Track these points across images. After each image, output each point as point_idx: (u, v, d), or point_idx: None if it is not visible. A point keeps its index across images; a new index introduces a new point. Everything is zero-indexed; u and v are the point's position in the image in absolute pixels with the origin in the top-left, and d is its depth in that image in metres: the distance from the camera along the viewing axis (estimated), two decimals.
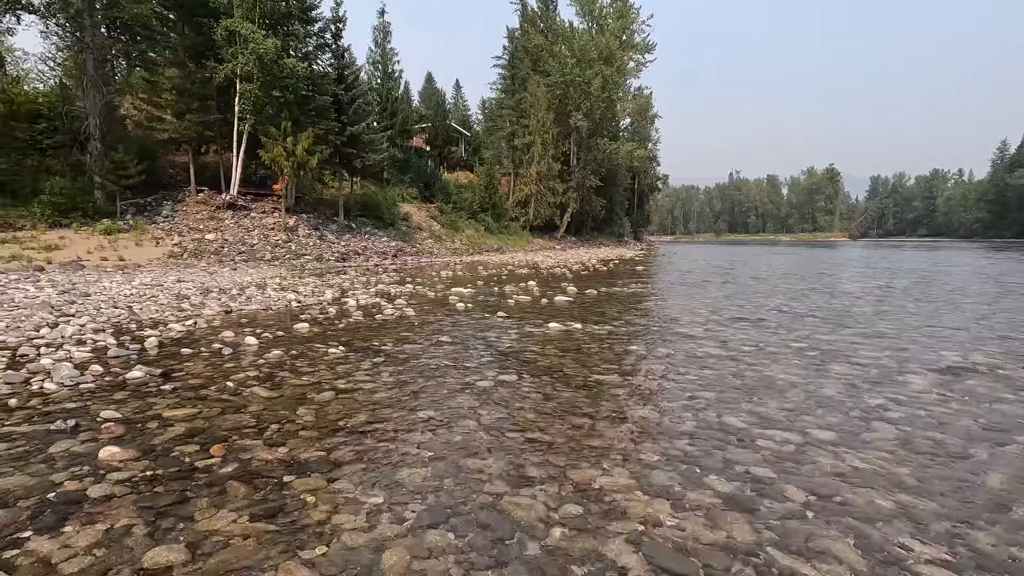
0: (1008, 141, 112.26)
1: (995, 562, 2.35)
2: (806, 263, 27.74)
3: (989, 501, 2.87)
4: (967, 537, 2.54)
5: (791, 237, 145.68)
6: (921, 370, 5.48)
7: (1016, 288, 13.86)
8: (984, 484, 3.06)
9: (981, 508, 2.80)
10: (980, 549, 2.44)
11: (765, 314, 9.39)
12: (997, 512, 2.76)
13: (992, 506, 2.82)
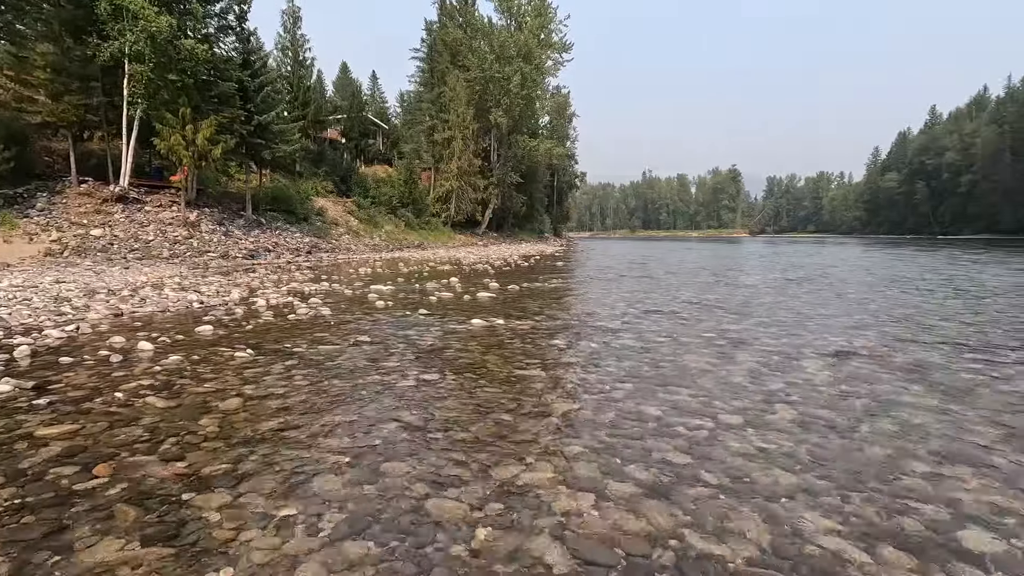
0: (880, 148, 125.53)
1: (879, 528, 2.57)
2: (713, 258, 29.55)
3: (872, 472, 3.15)
4: (857, 507, 2.77)
5: (699, 233, 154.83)
6: (814, 355, 5.97)
7: (887, 278, 15.51)
8: (868, 457, 3.36)
9: (866, 479, 3.07)
10: (867, 517, 2.67)
11: (678, 306, 9.87)
12: (879, 482, 3.03)
13: (875, 476, 3.10)
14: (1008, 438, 3.64)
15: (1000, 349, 6.26)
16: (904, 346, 6.43)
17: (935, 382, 4.93)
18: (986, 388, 4.74)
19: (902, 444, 3.55)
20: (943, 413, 4.13)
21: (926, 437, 3.66)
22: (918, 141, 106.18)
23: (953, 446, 3.51)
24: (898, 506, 2.77)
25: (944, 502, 2.81)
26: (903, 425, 3.89)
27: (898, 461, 3.30)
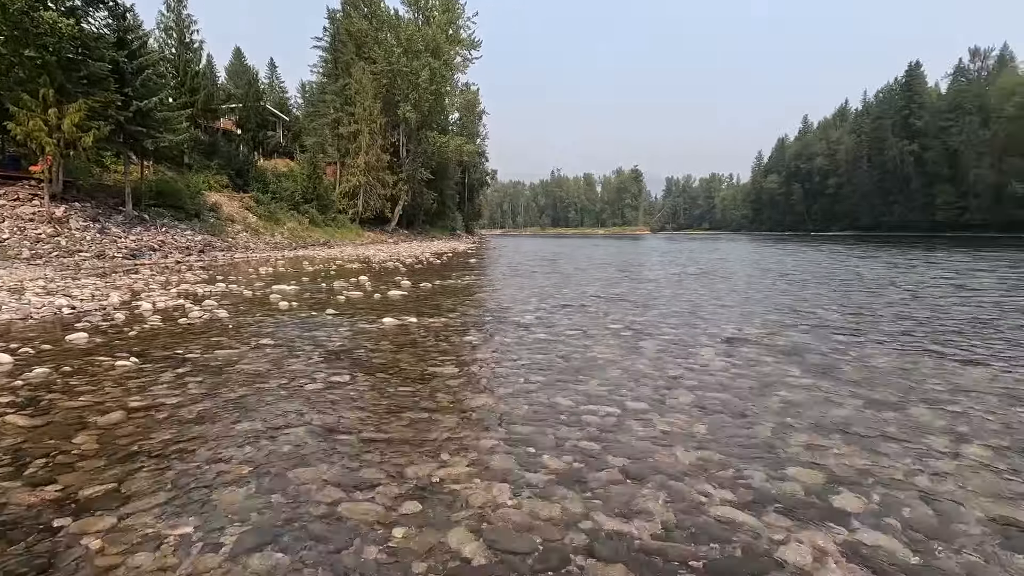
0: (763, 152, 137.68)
1: (765, 494, 2.84)
2: (618, 254, 30.96)
3: (760, 445, 3.47)
4: (746, 477, 3.04)
5: (605, 231, 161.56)
6: (709, 343, 6.45)
7: (772, 271, 17.08)
8: (756, 432, 3.69)
9: (755, 452, 3.37)
10: (755, 486, 2.94)
11: (587, 300, 10.24)
12: (766, 454, 3.34)
13: (763, 450, 3.41)
14: (867, 406, 4.15)
15: (862, 331, 7.10)
16: (785, 331, 7.11)
17: (809, 362, 5.50)
18: (848, 365, 5.37)
19: (784, 419, 3.94)
20: (816, 389, 4.63)
21: (803, 412, 4.08)
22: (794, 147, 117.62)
23: (825, 418, 3.95)
24: (780, 474, 3.07)
25: (818, 467, 3.15)
26: (784, 402, 4.31)
27: (781, 434, 3.66)
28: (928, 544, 2.41)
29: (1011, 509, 2.69)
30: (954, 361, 5.53)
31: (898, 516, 2.64)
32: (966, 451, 3.36)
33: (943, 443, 3.48)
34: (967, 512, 2.66)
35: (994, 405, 4.19)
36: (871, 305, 9.46)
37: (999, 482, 2.97)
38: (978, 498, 2.79)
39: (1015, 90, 65.39)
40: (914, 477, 3.03)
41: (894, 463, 3.20)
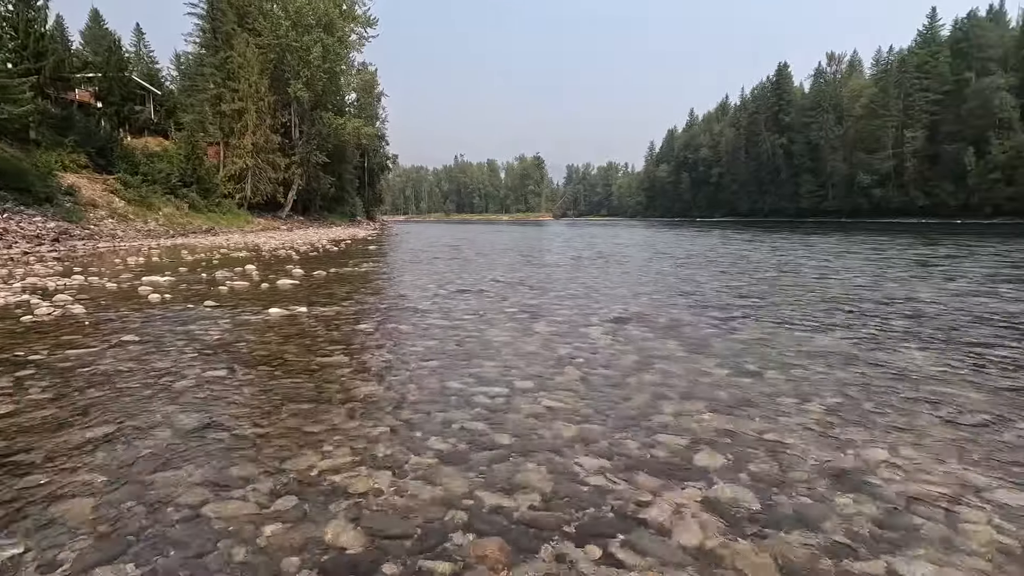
0: (654, 143, 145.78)
1: (636, 460, 3.04)
2: (521, 239, 31.48)
3: (635, 415, 3.71)
4: (621, 446, 3.24)
5: (509, 217, 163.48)
6: (597, 322, 6.76)
7: (661, 253, 18.22)
8: (633, 403, 3.94)
9: (630, 422, 3.59)
10: (628, 453, 3.13)
11: (485, 285, 10.33)
12: (641, 423, 3.58)
13: (638, 420, 3.65)
14: (731, 375, 4.57)
15: (733, 307, 7.79)
16: (667, 309, 7.63)
17: (685, 336, 5.95)
18: (719, 339, 5.88)
19: (659, 390, 4.23)
20: (689, 361, 5.02)
21: (676, 383, 4.41)
22: (682, 138, 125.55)
23: (694, 388, 4.29)
24: (651, 441, 3.30)
25: (685, 432, 3.43)
26: (661, 374, 4.63)
27: (655, 404, 3.93)
28: (770, 491, 2.71)
29: (839, 456, 3.09)
30: (805, 331, 6.23)
31: (748, 470, 2.94)
32: (807, 408, 3.81)
33: (790, 403, 3.92)
34: (804, 462, 3.03)
35: (833, 368, 4.78)
36: (744, 283, 10.40)
37: (831, 435, 3.40)
38: (813, 449, 3.18)
39: (862, 92, 74.30)
40: (764, 435, 3.39)
41: (749, 424, 3.56)
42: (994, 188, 56.63)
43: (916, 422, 3.55)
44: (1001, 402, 3.89)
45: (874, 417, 3.65)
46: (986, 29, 66.14)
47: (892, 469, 2.91)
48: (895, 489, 2.71)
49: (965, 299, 8.25)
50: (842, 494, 2.68)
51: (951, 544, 2.27)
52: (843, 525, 2.42)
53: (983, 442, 3.24)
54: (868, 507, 2.55)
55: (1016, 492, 2.66)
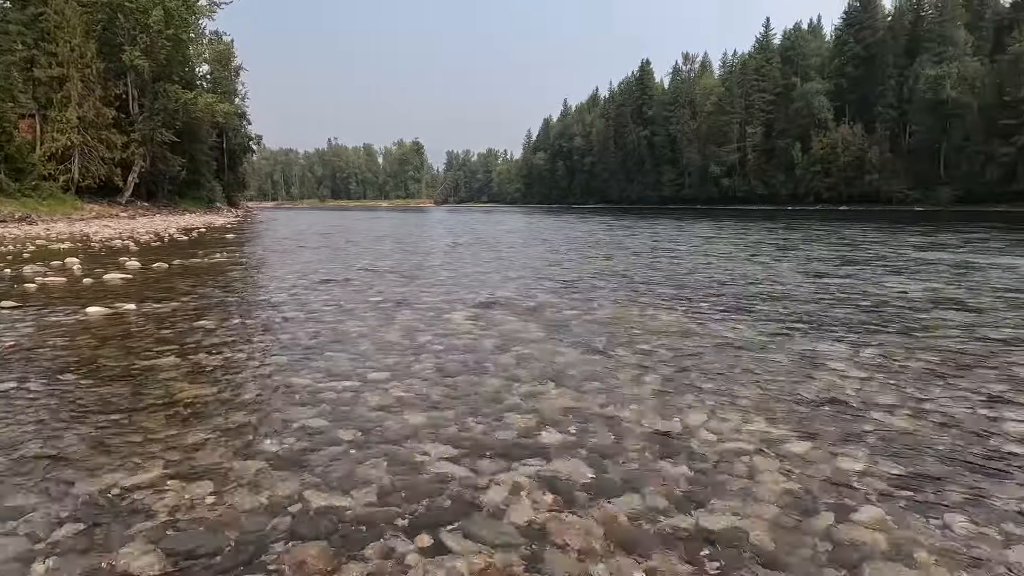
0: (531, 131, 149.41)
1: (482, 444, 3.05)
2: (399, 226, 30.69)
3: (488, 399, 3.72)
4: (471, 430, 3.22)
5: (388, 203, 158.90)
6: (462, 308, 6.74)
7: (534, 238, 18.74)
8: (487, 388, 3.95)
9: (481, 406, 3.60)
10: (475, 438, 3.13)
11: (352, 274, 9.88)
12: (492, 406, 3.60)
13: (489, 403, 3.66)
14: (584, 354, 4.77)
15: (595, 289, 8.19)
16: (533, 293, 7.82)
17: (546, 319, 6.13)
18: (577, 320, 6.14)
19: (514, 372, 4.29)
20: (546, 343, 5.17)
21: (531, 364, 4.51)
22: (557, 127, 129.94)
23: (547, 368, 4.42)
24: (499, 423, 3.33)
25: (533, 413, 3.50)
26: (518, 357, 4.71)
27: (509, 386, 3.97)
28: (604, 462, 2.85)
29: (667, 424, 3.34)
30: (655, 309, 6.71)
31: (587, 444, 3.06)
32: (646, 381, 4.09)
33: (631, 377, 4.18)
34: (636, 431, 3.23)
35: (673, 342, 5.19)
36: (606, 267, 11.00)
37: (663, 404, 3.66)
38: (646, 419, 3.40)
39: (712, 91, 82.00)
40: (605, 408, 3.57)
41: (593, 399, 3.73)
42: (816, 179, 65.74)
43: (732, 387, 3.95)
44: (802, 364, 4.47)
45: (701, 384, 4.01)
46: (807, 40, 76.24)
47: (708, 432, 3.20)
48: (709, 450, 2.98)
49: (789, 276, 9.44)
50: (665, 458, 2.89)
51: (749, 495, 2.54)
52: (663, 487, 2.60)
53: (784, 401, 3.69)
54: (685, 468, 2.77)
55: (803, 442, 3.05)
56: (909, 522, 2.31)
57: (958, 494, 2.52)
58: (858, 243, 16.26)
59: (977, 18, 56.55)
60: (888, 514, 2.36)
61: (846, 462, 2.82)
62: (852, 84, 64.99)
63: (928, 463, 2.81)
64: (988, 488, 2.56)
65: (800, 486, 2.60)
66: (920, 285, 8.24)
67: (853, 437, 3.12)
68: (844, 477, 2.68)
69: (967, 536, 2.21)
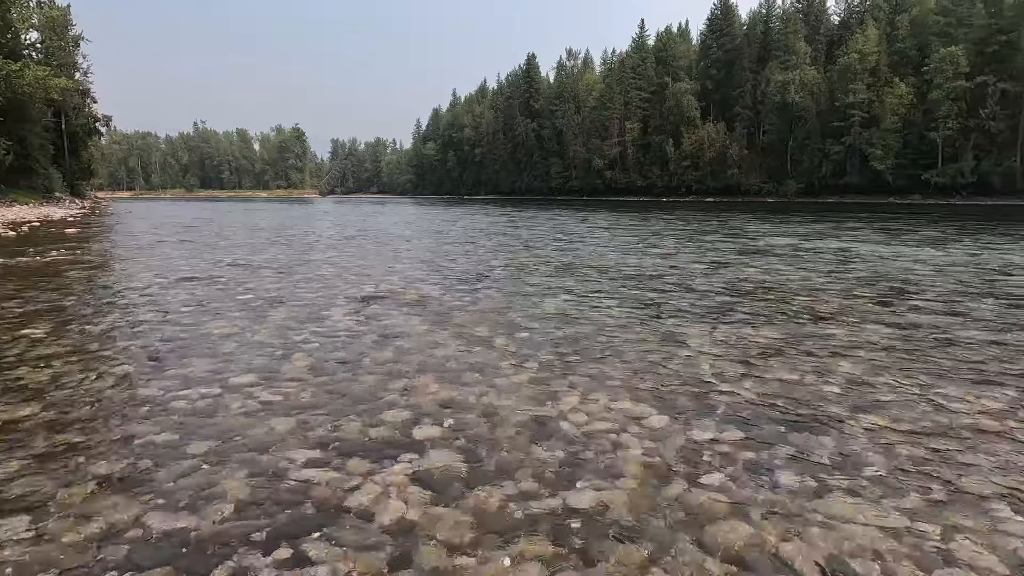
0: (421, 120, 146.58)
1: (354, 445, 2.93)
2: (278, 218, 28.71)
3: (364, 399, 3.59)
4: (341, 432, 3.08)
5: (268, 193, 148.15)
6: (343, 303, 6.46)
7: (423, 230, 18.44)
8: (362, 385, 3.81)
9: (357, 405, 3.46)
10: (347, 438, 3.00)
11: (221, 271, 9.08)
12: (367, 404, 3.47)
13: (365, 401, 3.53)
14: (465, 345, 4.77)
15: (481, 279, 8.23)
16: (418, 285, 7.69)
17: (429, 311, 6.06)
18: (461, 311, 6.13)
19: (393, 367, 4.18)
20: (428, 335, 5.10)
21: (411, 358, 4.42)
22: (446, 117, 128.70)
23: (428, 361, 4.36)
24: (374, 421, 3.22)
25: (410, 408, 3.43)
26: (398, 351, 4.60)
27: (386, 382, 3.86)
28: (478, 452, 2.86)
29: (543, 410, 3.43)
30: (538, 297, 6.89)
31: (464, 435, 3.06)
32: (525, 367, 4.18)
33: (511, 365, 4.25)
34: (513, 419, 3.28)
35: (553, 328, 5.35)
36: (494, 256, 11.11)
37: (540, 390, 3.76)
38: (522, 405, 3.47)
39: (594, 87, 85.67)
40: (483, 398, 3.59)
41: (471, 390, 3.73)
42: (687, 172, 71.36)
43: (604, 368, 4.16)
44: (668, 344, 4.82)
45: (576, 368, 4.17)
46: (677, 43, 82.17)
47: (578, 413, 3.34)
48: (579, 431, 3.11)
49: (662, 262, 10.14)
50: (537, 443, 2.96)
51: (612, 471, 2.68)
52: (535, 471, 2.67)
53: (648, 379, 3.95)
54: (557, 452, 2.87)
55: (662, 416, 3.28)
56: (746, 482, 2.58)
57: (785, 452, 2.85)
58: (721, 230, 17.89)
59: (814, 32, 64.36)
60: (729, 477, 2.61)
61: (697, 432, 3.08)
62: (715, 85, 71.23)
63: (764, 428, 3.15)
64: (809, 445, 2.93)
65: (658, 459, 2.79)
66: (769, 268, 9.25)
67: (706, 409, 3.42)
68: (695, 446, 2.92)
69: (791, 490, 2.50)
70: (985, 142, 45.09)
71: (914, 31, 52.81)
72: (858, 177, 53.21)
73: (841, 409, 3.38)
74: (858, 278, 8.15)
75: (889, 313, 5.91)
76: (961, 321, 5.52)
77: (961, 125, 45.20)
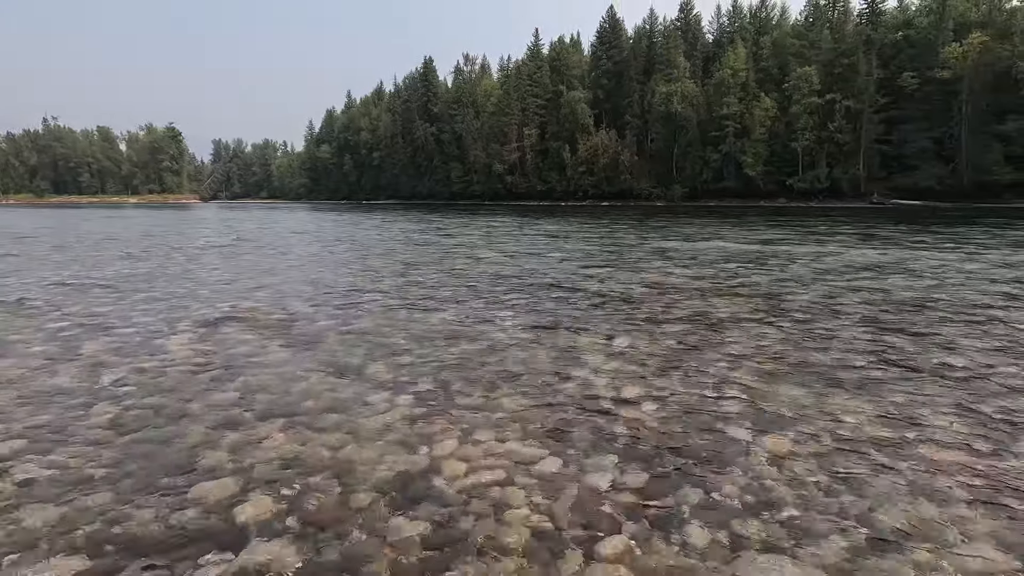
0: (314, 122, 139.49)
1: (143, 541, 2.13)
2: (144, 226, 25.47)
3: (175, 465, 2.75)
4: (131, 520, 2.26)
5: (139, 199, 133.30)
6: (187, 328, 5.39)
7: (312, 238, 17.01)
8: (182, 442, 2.96)
9: (163, 474, 2.63)
10: (134, 533, 2.18)
11: (36, 291, 7.46)
12: (179, 474, 2.65)
13: (176, 470, 2.70)
14: (330, 376, 4.00)
15: (362, 293, 7.40)
16: (287, 302, 6.72)
17: (295, 334, 5.19)
18: (333, 332, 5.31)
19: (228, 413, 3.36)
20: (288, 364, 4.27)
21: (256, 398, 3.60)
22: (341, 119, 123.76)
23: (278, 401, 3.56)
24: (184, 500, 2.42)
25: (238, 473, 2.66)
26: (241, 389, 3.75)
27: (215, 437, 3.04)
28: (319, 538, 2.18)
29: (412, 460, 2.80)
30: (423, 311, 6.22)
31: (302, 512, 2.36)
32: (398, 403, 3.52)
33: (382, 400, 3.57)
34: (373, 477, 2.62)
35: (436, 348, 4.72)
36: (382, 265, 10.26)
37: (413, 432, 3.13)
38: (388, 456, 2.82)
39: (492, 92, 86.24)
40: (339, 452, 2.89)
41: (324, 440, 3.02)
42: (583, 178, 73.77)
43: (491, 397, 3.61)
44: (562, 362, 4.36)
45: (457, 399, 3.59)
46: (570, 53, 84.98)
47: (458, 461, 2.75)
48: (455, 488, 2.52)
49: (561, 267, 9.85)
50: (400, 513, 2.33)
51: (492, 546, 2.12)
52: (391, 561, 2.04)
53: (541, 407, 3.45)
54: (423, 525, 2.25)
55: (555, 459, 2.78)
56: (653, 545, 2.12)
57: (694, 496, 2.45)
58: (615, 233, 18.21)
59: (692, 48, 69.28)
60: (633, 539, 2.15)
61: (596, 477, 2.60)
62: (606, 94, 74.42)
63: (668, 463, 2.75)
64: (717, 483, 2.56)
65: (548, 522, 2.27)
66: (657, 271, 9.27)
67: (604, 442, 2.97)
68: (594, 498, 2.44)
69: (702, 551, 2.08)
70: (836, 151, 50.78)
71: (775, 51, 58.44)
72: (734, 182, 57.78)
73: (743, 432, 3.08)
74: (743, 280, 8.33)
75: (775, 314, 5.92)
76: (840, 323, 5.62)
77: (816, 136, 50.56)
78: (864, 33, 50.40)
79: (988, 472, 2.63)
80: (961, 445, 2.90)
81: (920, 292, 7.11)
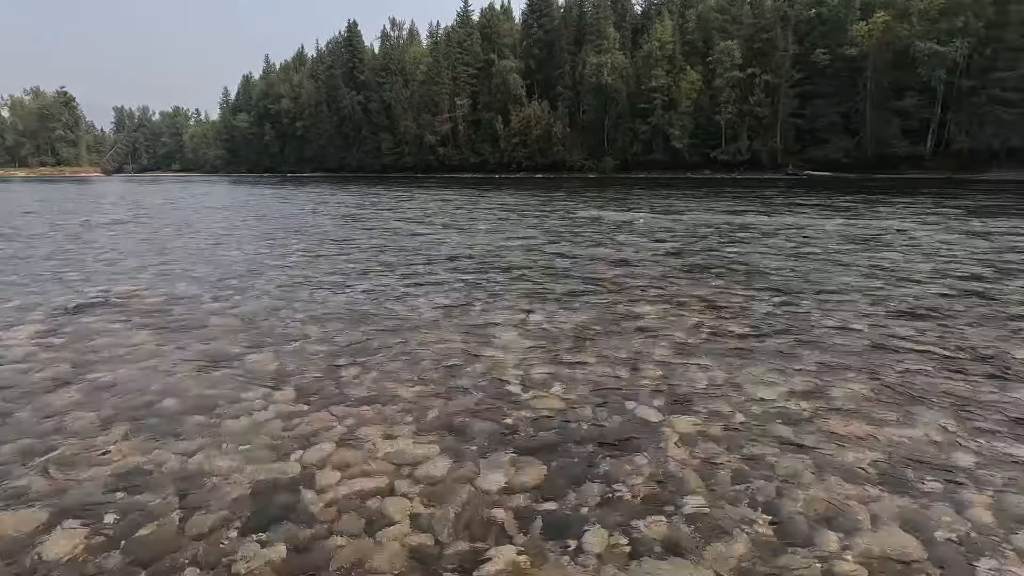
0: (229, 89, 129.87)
1: None
2: (23, 202, 22.73)
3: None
4: None
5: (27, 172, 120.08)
6: (38, 316, 4.63)
7: (217, 212, 15.69)
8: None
9: None
10: None
11: None
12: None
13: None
14: (202, 367, 3.49)
15: (259, 272, 6.74)
16: (170, 284, 5.99)
17: (171, 319, 4.57)
18: (218, 315, 4.72)
19: (61, 421, 2.81)
20: (154, 356, 3.70)
21: (105, 397, 3.05)
22: (259, 86, 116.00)
23: (130, 403, 3.03)
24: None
25: (52, 494, 2.17)
26: (88, 389, 3.18)
27: (34, 451, 2.50)
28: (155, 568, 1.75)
29: (281, 467, 2.40)
30: (326, 290, 5.70)
31: (128, 540, 1.93)
32: (274, 398, 3.08)
33: (256, 395, 3.12)
34: (231, 494, 2.21)
35: (339, 330, 4.27)
36: (287, 241, 9.50)
37: (287, 431, 2.72)
38: (253, 463, 2.41)
39: (421, 60, 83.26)
40: (190, 459, 2.44)
41: (180, 446, 2.56)
42: (516, 149, 73.12)
43: (386, 386, 3.24)
44: (472, 341, 4.04)
45: (347, 389, 3.19)
46: (501, 21, 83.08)
47: (330, 470, 2.38)
48: (324, 503, 2.15)
49: (481, 240, 9.48)
50: (252, 538, 1.94)
51: (358, 571, 1.78)
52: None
53: (439, 396, 3.12)
54: (277, 548, 1.88)
55: (445, 460, 2.47)
56: (543, 554, 1.86)
57: (595, 492, 2.21)
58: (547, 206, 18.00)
59: (621, 19, 69.47)
60: (522, 551, 1.87)
61: (489, 477, 2.32)
62: (538, 65, 73.56)
63: (572, 453, 2.50)
64: (622, 473, 2.33)
65: (429, 538, 1.95)
66: (583, 246, 9.12)
67: (503, 433, 2.69)
68: (484, 502, 2.15)
69: (597, 555, 1.84)
70: (756, 125, 52.90)
71: (700, 25, 59.64)
72: (663, 154, 59.13)
73: (654, 412, 2.89)
74: (668, 250, 8.31)
75: (693, 284, 5.86)
76: (757, 293, 5.63)
77: (738, 110, 52.39)
78: (781, 9, 52.23)
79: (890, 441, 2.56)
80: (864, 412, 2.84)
81: (817, 260, 7.32)
